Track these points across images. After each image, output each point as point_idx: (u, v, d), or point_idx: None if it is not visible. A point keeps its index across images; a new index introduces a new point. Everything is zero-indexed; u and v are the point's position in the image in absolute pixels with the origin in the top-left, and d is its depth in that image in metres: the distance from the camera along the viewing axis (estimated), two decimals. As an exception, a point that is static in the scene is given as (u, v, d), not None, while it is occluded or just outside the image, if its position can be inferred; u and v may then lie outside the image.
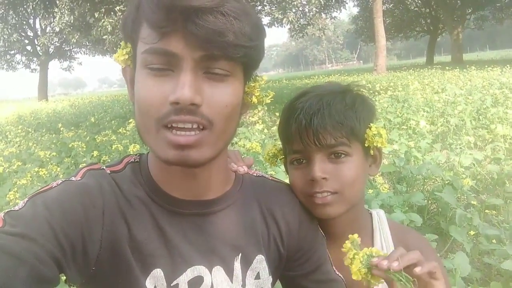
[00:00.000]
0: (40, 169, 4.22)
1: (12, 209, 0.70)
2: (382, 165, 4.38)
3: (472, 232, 2.73)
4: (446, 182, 3.71)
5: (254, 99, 0.87)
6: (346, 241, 0.79)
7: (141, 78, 0.73)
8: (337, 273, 0.97)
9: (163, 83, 0.71)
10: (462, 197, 3.57)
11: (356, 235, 0.80)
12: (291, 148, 1.02)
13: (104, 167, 0.85)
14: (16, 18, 26.04)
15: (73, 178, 0.79)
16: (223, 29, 0.68)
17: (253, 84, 0.86)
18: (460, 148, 4.88)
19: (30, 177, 4.01)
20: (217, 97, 0.73)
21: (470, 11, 30.29)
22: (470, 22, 32.84)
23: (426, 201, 3.49)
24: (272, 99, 0.94)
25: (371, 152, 1.02)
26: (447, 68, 15.87)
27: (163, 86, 0.70)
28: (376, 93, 10.12)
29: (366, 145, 1.00)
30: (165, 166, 0.80)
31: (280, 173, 3.84)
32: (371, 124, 1.00)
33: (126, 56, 0.80)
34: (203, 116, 0.71)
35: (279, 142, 1.13)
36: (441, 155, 4.74)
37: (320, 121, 0.95)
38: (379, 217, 1.13)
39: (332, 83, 1.10)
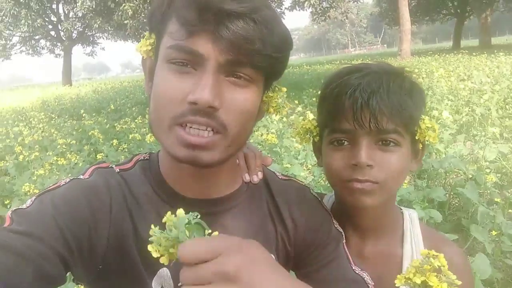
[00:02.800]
0: (59, 158, 4.27)
1: (20, 207, 0.71)
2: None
3: (494, 232, 2.63)
4: (469, 176, 3.59)
5: (271, 109, 0.87)
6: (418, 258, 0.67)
7: (162, 73, 0.73)
8: (357, 272, 0.89)
9: (183, 81, 0.70)
10: (486, 192, 3.45)
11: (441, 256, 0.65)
12: (336, 127, 0.93)
13: (113, 166, 0.86)
14: (39, 4, 26.38)
15: (81, 177, 0.80)
16: (253, 36, 0.68)
17: (271, 95, 0.86)
18: (485, 140, 4.71)
19: (49, 166, 4.06)
20: (236, 102, 0.72)
21: (500, -8, 29.24)
22: (499, 5, 31.70)
23: (447, 196, 3.39)
24: (290, 109, 0.89)
25: (420, 146, 0.96)
26: (474, 53, 15.39)
27: (183, 83, 0.70)
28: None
29: (417, 137, 0.93)
30: (175, 164, 0.80)
31: (296, 165, 3.79)
32: (422, 116, 0.94)
33: (149, 47, 0.79)
34: (218, 120, 0.70)
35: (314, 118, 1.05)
36: (465, 147, 4.59)
37: (380, 103, 0.86)
38: (411, 218, 1.06)
39: (385, 63, 1.00)
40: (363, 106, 0.87)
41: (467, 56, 15.12)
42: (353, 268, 0.90)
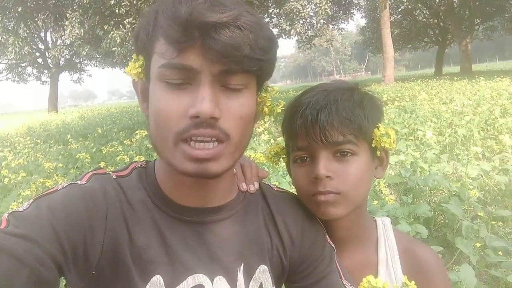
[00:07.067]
0: (46, 180, 4.22)
1: (16, 210, 0.70)
2: (388, 176, 4.33)
3: (478, 244, 2.67)
4: (453, 193, 3.65)
5: (266, 109, 0.89)
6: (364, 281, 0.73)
7: (158, 92, 0.73)
8: (346, 286, 0.92)
9: (181, 97, 0.71)
10: (469, 208, 3.52)
11: (378, 280, 0.73)
12: (295, 145, 0.98)
13: (110, 172, 0.86)
14: (28, 31, 26.39)
15: (79, 182, 0.80)
16: (240, 43, 0.69)
17: (264, 95, 0.88)
18: (468, 159, 4.81)
19: (35, 188, 4.01)
20: (233, 109, 0.74)
21: (478, 21, 30.14)
22: (479, 33, 32.60)
23: (432, 212, 3.44)
24: (283, 108, 0.94)
25: (378, 153, 0.99)
26: (455, 78, 15.76)
27: (181, 99, 0.71)
28: (384, 104, 10.05)
29: (373, 145, 0.97)
30: (173, 174, 0.81)
31: (284, 184, 3.82)
32: (378, 124, 0.98)
33: (139, 70, 0.80)
34: (221, 129, 0.72)
35: (282, 141, 1.10)
36: (448, 166, 4.68)
37: (327, 117, 0.92)
38: (384, 225, 1.09)
39: (339, 81, 1.07)
40: (313, 122, 0.93)
41: (449, 82, 15.46)
42: (344, 283, 0.92)
